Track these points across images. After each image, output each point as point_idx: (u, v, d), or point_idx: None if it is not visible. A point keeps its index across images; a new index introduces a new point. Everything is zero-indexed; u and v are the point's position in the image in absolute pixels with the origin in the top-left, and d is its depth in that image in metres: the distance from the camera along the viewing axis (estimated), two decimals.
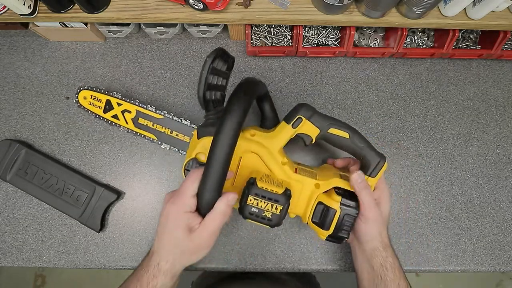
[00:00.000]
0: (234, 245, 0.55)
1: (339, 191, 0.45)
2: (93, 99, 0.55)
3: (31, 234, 0.55)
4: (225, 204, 0.37)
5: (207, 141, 0.42)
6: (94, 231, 0.54)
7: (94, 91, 0.55)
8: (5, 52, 0.62)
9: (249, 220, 0.41)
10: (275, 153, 0.44)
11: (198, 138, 0.44)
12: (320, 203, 0.44)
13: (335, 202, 0.43)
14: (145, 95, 0.60)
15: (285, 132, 0.45)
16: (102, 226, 0.55)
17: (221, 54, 0.43)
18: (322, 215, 0.44)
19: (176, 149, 0.54)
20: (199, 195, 0.37)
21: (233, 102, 0.36)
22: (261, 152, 0.44)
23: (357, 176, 0.43)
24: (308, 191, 0.45)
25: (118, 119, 0.54)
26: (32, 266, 0.54)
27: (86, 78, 0.61)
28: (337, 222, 0.43)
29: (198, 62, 0.62)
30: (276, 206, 0.40)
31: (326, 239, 0.44)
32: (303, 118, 0.44)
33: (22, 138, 0.58)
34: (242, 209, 0.40)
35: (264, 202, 0.40)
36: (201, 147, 0.43)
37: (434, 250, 0.55)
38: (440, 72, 0.63)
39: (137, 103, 0.54)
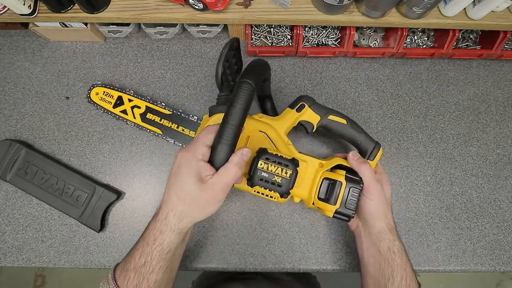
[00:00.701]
0: (234, 245, 0.55)
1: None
2: (105, 95, 0.57)
3: (31, 234, 0.55)
4: (239, 157, 0.36)
5: (219, 117, 0.43)
6: (94, 231, 0.54)
7: (108, 88, 0.57)
8: (5, 52, 0.62)
9: (257, 188, 0.42)
10: (282, 134, 0.47)
11: (210, 116, 0.46)
12: (325, 178, 0.45)
13: (340, 176, 0.45)
14: (145, 95, 0.60)
15: (290, 115, 0.49)
16: (102, 226, 0.55)
17: (237, 47, 0.46)
18: (328, 191, 0.45)
19: (181, 144, 0.55)
20: (214, 146, 0.36)
21: (250, 69, 0.39)
22: (268, 131, 0.46)
23: (352, 154, 0.46)
24: (312, 169, 0.46)
25: (126, 114, 0.56)
26: (32, 266, 0.54)
27: (86, 78, 0.61)
28: (343, 195, 0.44)
29: (198, 62, 0.62)
30: (286, 170, 0.41)
31: (333, 216, 0.45)
32: (306, 105, 0.48)
33: (22, 138, 0.58)
34: (252, 176, 0.41)
35: (274, 166, 0.41)
36: (213, 122, 0.45)
37: (434, 250, 0.55)
38: (440, 72, 0.63)
39: (147, 99, 0.56)
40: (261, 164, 0.41)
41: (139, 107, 0.56)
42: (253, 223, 0.55)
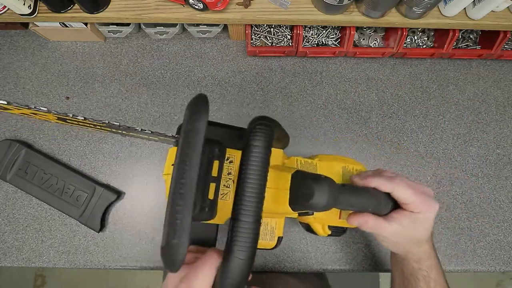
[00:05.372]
0: None
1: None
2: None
3: (31, 234, 0.55)
4: None
5: None
6: (94, 231, 0.54)
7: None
8: (5, 52, 0.62)
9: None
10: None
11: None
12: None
13: (324, 233, 0.42)
14: (145, 95, 0.60)
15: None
16: (102, 226, 0.55)
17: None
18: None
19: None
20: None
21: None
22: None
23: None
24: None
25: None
26: (32, 266, 0.54)
27: (86, 78, 0.61)
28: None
29: (198, 62, 0.62)
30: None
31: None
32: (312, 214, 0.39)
33: (22, 138, 0.58)
34: None
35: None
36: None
37: None
38: (440, 72, 0.63)
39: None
40: None
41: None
42: None
